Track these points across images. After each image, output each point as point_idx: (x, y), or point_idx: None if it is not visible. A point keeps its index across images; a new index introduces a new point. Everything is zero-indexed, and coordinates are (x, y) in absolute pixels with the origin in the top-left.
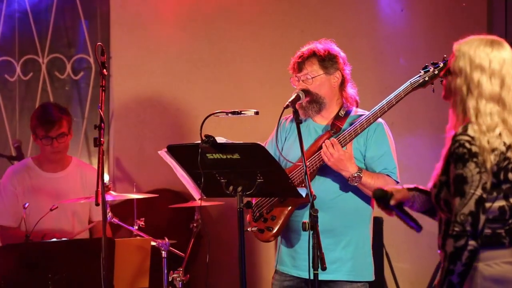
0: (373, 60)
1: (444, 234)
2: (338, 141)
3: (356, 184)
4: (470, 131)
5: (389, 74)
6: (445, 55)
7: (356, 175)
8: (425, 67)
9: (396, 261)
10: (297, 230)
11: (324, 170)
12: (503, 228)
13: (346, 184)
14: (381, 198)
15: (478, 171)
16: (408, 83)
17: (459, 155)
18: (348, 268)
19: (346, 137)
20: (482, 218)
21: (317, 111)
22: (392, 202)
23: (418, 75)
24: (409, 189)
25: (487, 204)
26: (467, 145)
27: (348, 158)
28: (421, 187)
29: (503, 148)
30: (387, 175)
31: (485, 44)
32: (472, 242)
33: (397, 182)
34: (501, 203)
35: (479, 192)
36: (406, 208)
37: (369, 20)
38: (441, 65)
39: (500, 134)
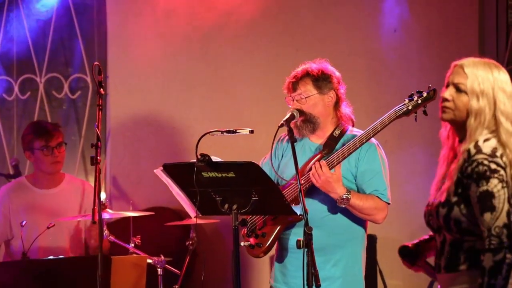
0: (367, 79)
1: (448, 255)
2: (327, 163)
3: (344, 206)
4: (486, 149)
5: (383, 93)
6: (430, 85)
7: (344, 197)
8: (411, 95)
9: (389, 278)
10: (287, 247)
11: (314, 190)
12: None
13: (335, 204)
14: (407, 255)
15: (502, 185)
16: (392, 110)
17: (480, 173)
18: (337, 286)
19: (334, 160)
20: None
21: (311, 131)
22: (421, 263)
23: (403, 104)
24: (427, 241)
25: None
26: (485, 162)
27: (335, 180)
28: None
29: None
30: (377, 196)
31: (496, 67)
32: (509, 255)
33: (388, 203)
34: None
35: (507, 206)
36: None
37: (363, 40)
38: (425, 94)
39: None
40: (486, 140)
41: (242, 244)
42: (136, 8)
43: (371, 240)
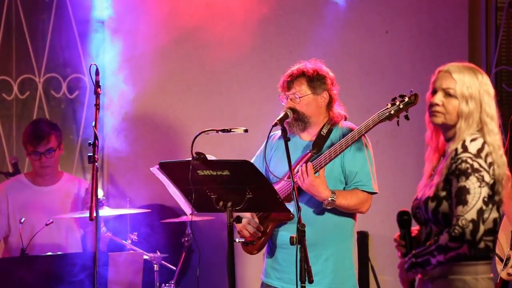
0: (359, 80)
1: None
2: (314, 165)
3: (330, 207)
4: (472, 149)
5: (375, 93)
6: (411, 89)
7: (330, 200)
8: (394, 99)
9: (381, 273)
10: (280, 243)
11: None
12: (492, 241)
13: None
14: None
15: (479, 185)
16: (376, 114)
17: (462, 170)
18: (329, 281)
19: (321, 162)
20: (482, 228)
21: (301, 129)
22: None
23: (386, 108)
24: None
25: (485, 215)
26: (469, 161)
27: (319, 184)
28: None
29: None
30: (362, 190)
31: (479, 72)
32: (465, 249)
33: (374, 193)
34: (495, 214)
35: (479, 204)
36: None
37: (355, 41)
38: (406, 99)
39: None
40: (473, 140)
41: (237, 240)
42: (133, 9)
43: (363, 237)
